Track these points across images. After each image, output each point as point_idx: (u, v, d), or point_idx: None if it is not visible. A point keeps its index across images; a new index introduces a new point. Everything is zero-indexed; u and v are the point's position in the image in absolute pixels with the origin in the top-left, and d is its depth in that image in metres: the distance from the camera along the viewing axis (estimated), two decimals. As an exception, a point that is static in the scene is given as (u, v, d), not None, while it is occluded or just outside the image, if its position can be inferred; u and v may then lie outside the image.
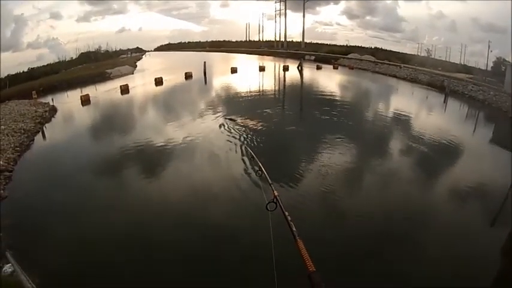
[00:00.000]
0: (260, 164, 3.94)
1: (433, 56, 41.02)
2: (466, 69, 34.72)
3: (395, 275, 7.00)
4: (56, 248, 8.00)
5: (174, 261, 7.52)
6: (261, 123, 17.14)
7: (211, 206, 9.83)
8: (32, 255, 7.63)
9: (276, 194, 2.95)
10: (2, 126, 16.98)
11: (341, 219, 9.20)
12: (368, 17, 50.42)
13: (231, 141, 14.72)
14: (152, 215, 9.38)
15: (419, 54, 42.17)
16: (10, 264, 7.18)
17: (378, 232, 8.39)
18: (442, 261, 7.32)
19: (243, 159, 12.76)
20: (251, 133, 15.66)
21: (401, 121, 19.03)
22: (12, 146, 14.78)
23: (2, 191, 11.03)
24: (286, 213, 2.56)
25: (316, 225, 8.58)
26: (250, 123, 17.11)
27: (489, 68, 32.20)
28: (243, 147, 13.85)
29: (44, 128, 18.86)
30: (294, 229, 2.36)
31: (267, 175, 3.61)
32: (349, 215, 9.33)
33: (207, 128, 16.96)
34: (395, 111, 20.99)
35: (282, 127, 17.58)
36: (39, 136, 17.45)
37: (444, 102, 26.05)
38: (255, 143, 14.52)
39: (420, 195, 10.74)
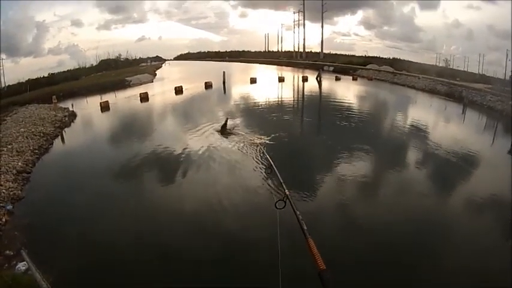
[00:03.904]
0: (272, 162, 3.90)
1: (451, 66, 40.39)
2: (484, 79, 33.92)
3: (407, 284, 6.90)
4: (70, 249, 8.09)
5: (186, 259, 7.61)
6: (279, 132, 16.94)
7: (223, 204, 10.05)
8: (47, 254, 7.71)
9: (287, 192, 2.92)
10: (22, 129, 17.41)
11: (355, 226, 9.05)
12: (385, 27, 50.15)
13: (247, 149, 14.74)
14: (164, 216, 9.60)
15: (437, 64, 41.56)
16: (24, 262, 7.29)
17: (392, 241, 8.25)
18: (456, 274, 7.13)
19: (260, 168, 12.62)
20: (268, 142, 15.64)
21: (420, 131, 18.65)
22: (31, 148, 15.13)
23: (19, 192, 11.27)
24: (297, 212, 2.52)
25: (329, 230, 8.53)
26: (268, 132, 16.87)
27: (507, 78, 31.40)
28: (258, 149, 14.01)
29: (63, 132, 19.31)
30: (305, 227, 2.32)
31: (278, 174, 3.57)
32: (364, 223, 9.17)
33: (223, 135, 16.93)
34: (414, 122, 20.64)
35: (300, 135, 17.81)
36: (58, 140, 17.87)
37: (462, 112, 25.56)
38: (272, 150, 14.34)
39: (437, 206, 10.43)
